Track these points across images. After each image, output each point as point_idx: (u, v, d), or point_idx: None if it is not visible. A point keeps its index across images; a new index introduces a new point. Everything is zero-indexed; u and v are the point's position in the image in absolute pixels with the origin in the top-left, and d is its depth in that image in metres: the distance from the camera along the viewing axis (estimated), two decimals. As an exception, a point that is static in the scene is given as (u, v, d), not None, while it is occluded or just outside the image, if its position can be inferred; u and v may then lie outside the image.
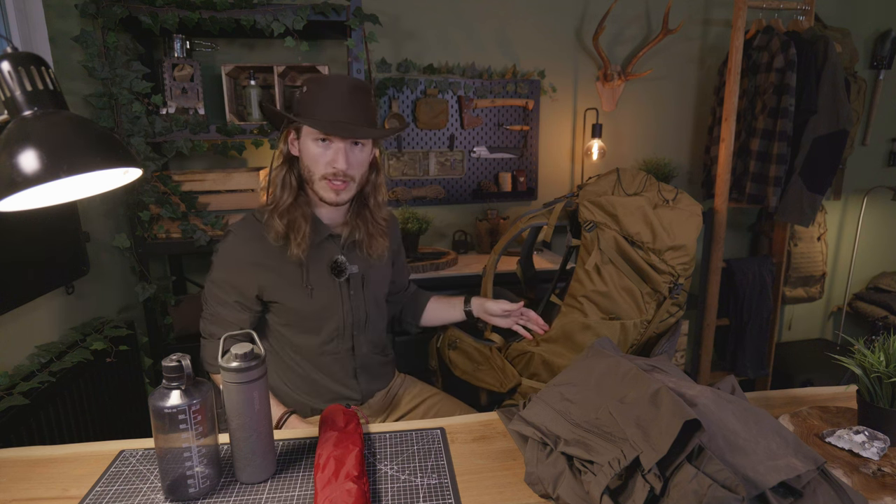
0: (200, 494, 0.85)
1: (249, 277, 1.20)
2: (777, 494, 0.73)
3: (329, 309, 1.26)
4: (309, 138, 1.16)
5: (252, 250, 1.20)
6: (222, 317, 1.23)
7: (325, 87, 1.14)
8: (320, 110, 1.13)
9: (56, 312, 1.67)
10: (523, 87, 2.48)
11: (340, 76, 1.19)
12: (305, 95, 1.15)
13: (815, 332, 3.14)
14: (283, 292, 1.22)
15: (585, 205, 1.41)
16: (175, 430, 0.82)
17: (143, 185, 1.85)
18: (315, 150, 1.15)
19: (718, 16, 2.62)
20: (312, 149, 1.16)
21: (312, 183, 1.18)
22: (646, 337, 1.43)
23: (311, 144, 1.16)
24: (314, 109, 1.14)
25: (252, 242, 1.20)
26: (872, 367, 0.94)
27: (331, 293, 1.25)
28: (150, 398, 0.83)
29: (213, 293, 1.23)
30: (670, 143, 2.72)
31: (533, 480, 0.86)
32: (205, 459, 0.85)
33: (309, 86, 1.15)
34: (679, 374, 0.96)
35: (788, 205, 2.31)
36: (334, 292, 1.26)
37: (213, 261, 1.23)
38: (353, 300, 1.28)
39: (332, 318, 1.27)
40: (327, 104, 1.13)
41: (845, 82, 2.19)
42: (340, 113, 1.14)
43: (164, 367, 0.83)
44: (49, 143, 0.69)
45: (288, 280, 1.22)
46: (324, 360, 1.30)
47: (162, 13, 1.76)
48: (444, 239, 2.58)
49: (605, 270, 1.37)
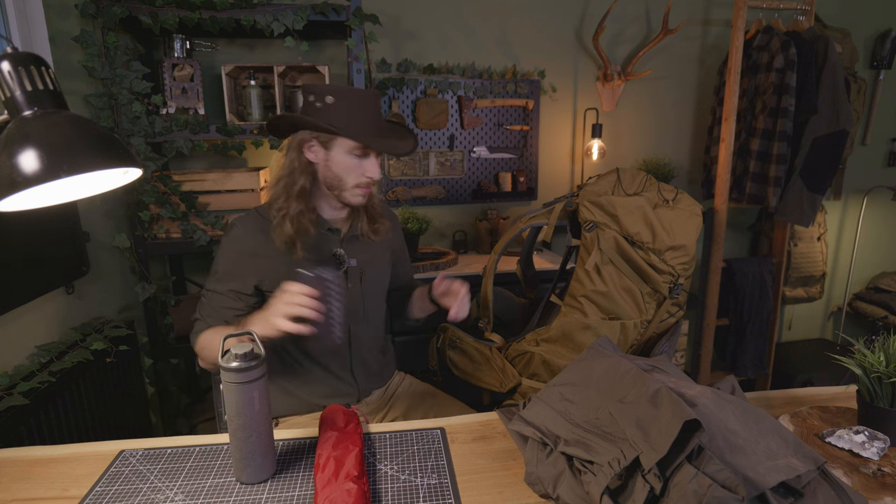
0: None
1: (251, 267, 1.22)
2: (777, 494, 0.73)
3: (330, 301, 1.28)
4: (343, 150, 1.19)
5: (255, 242, 1.22)
6: (216, 303, 1.24)
7: (355, 100, 1.17)
8: (357, 124, 1.17)
9: (56, 312, 1.67)
10: (523, 87, 2.48)
11: (358, 89, 1.21)
12: (333, 108, 1.16)
13: (815, 332, 3.14)
14: (277, 280, 1.22)
15: (585, 205, 1.41)
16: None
17: (143, 185, 1.85)
18: (350, 162, 1.19)
19: (718, 16, 2.62)
20: (347, 160, 1.19)
21: (342, 190, 1.22)
22: (646, 337, 1.43)
23: (346, 157, 1.19)
24: (350, 123, 1.16)
25: (256, 234, 1.22)
26: (872, 367, 0.94)
27: (334, 282, 1.27)
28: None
29: (212, 279, 1.24)
30: (670, 143, 2.72)
31: (533, 480, 0.86)
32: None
33: (336, 97, 1.16)
34: (679, 374, 0.96)
35: (788, 205, 2.31)
36: (336, 284, 1.28)
37: (217, 251, 1.25)
38: (350, 293, 1.30)
39: (330, 310, 1.28)
40: (362, 117, 1.17)
41: (845, 82, 2.19)
42: (374, 126, 1.19)
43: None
44: (49, 143, 0.69)
45: (289, 271, 1.22)
46: (320, 352, 1.31)
47: (162, 13, 1.76)
48: (444, 239, 2.58)
49: (605, 270, 1.36)
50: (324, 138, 1.19)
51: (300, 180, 1.20)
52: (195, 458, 0.97)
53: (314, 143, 1.20)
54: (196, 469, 0.94)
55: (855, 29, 2.64)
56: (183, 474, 0.92)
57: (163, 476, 0.92)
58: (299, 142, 1.21)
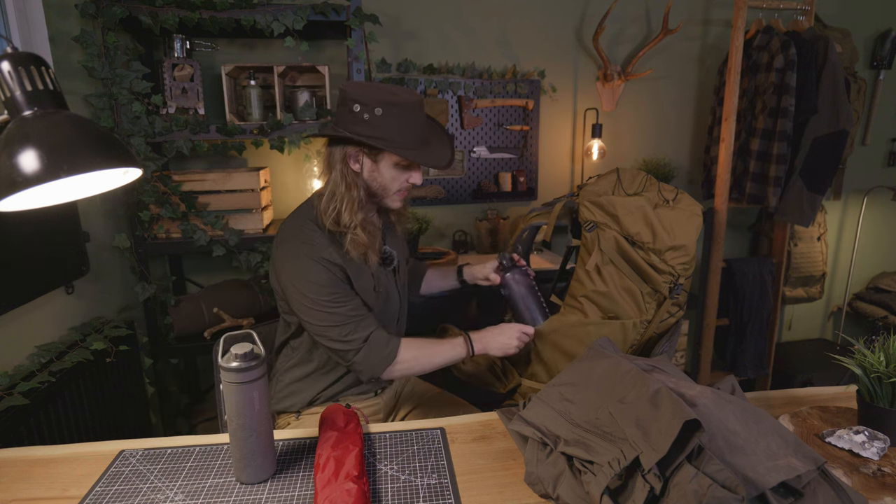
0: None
1: (342, 274, 1.21)
2: (777, 494, 0.73)
3: (390, 298, 1.32)
4: (390, 163, 1.20)
5: (332, 252, 1.19)
6: (354, 309, 1.20)
7: (403, 111, 1.16)
8: (406, 137, 1.17)
9: (56, 312, 1.67)
10: (523, 87, 2.48)
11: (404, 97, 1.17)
12: (382, 120, 1.14)
13: (815, 332, 3.14)
14: (360, 289, 1.24)
15: (586, 205, 1.41)
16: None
17: (143, 185, 1.85)
18: (396, 172, 1.22)
19: (718, 16, 2.62)
20: (393, 171, 1.22)
21: (385, 198, 1.25)
22: (646, 337, 1.43)
23: (392, 168, 1.21)
24: (399, 136, 1.16)
25: (329, 246, 1.20)
26: (872, 367, 0.94)
27: (388, 283, 1.32)
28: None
29: (327, 298, 1.18)
30: (670, 143, 2.72)
31: (533, 480, 0.86)
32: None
33: (384, 109, 1.14)
34: (679, 375, 0.96)
35: (788, 205, 2.31)
36: (391, 281, 1.33)
37: (301, 272, 1.18)
38: (399, 286, 1.36)
39: (391, 307, 1.33)
40: (410, 128, 1.18)
41: (845, 82, 2.19)
42: (420, 136, 1.21)
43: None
44: (49, 143, 0.69)
45: (360, 276, 1.24)
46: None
47: (162, 13, 1.76)
48: (444, 239, 2.58)
49: (606, 271, 1.37)
50: (372, 151, 1.19)
51: (355, 192, 1.20)
52: (195, 458, 0.97)
53: (360, 156, 1.20)
54: (196, 469, 0.94)
55: (855, 29, 2.64)
56: (183, 474, 0.92)
57: (163, 476, 0.92)
58: (345, 154, 1.20)
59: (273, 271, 1.26)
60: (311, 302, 1.17)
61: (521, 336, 1.29)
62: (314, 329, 1.20)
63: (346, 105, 1.16)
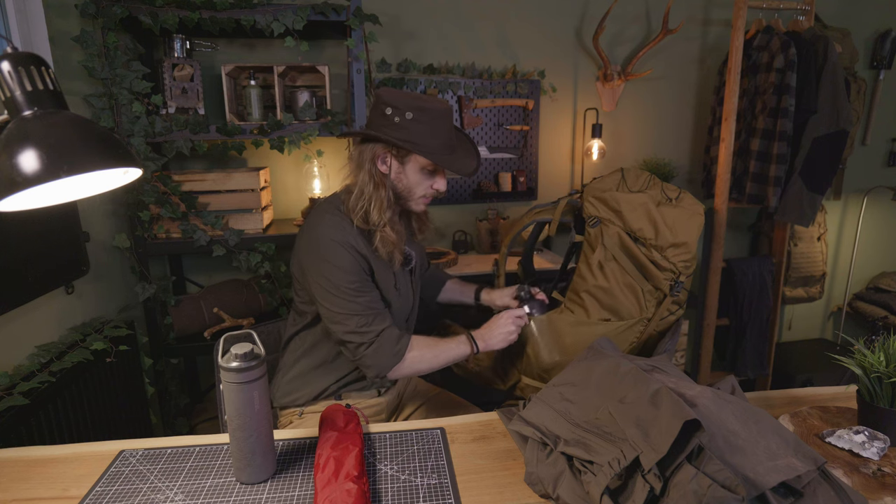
0: None
1: (366, 265, 1.23)
2: (777, 494, 0.73)
3: (406, 298, 1.34)
4: (417, 166, 1.22)
5: (360, 242, 1.22)
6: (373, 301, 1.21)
7: (433, 117, 1.18)
8: (436, 142, 1.19)
9: (56, 312, 1.67)
10: (523, 87, 2.48)
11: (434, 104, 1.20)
12: (413, 124, 1.17)
13: (815, 332, 3.14)
14: (381, 283, 1.26)
15: (590, 200, 1.43)
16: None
17: (143, 185, 1.85)
18: (421, 177, 1.24)
19: (718, 16, 2.62)
20: (419, 175, 1.23)
21: (409, 200, 1.27)
22: (646, 336, 1.43)
23: (418, 173, 1.23)
24: (430, 141, 1.18)
25: (358, 237, 1.22)
26: (872, 367, 0.94)
27: (406, 283, 1.34)
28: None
29: (349, 285, 1.19)
30: (670, 143, 2.72)
31: (533, 480, 0.86)
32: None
33: (415, 114, 1.16)
34: (679, 375, 0.96)
35: (788, 205, 2.31)
36: (407, 282, 1.35)
37: (328, 255, 1.19)
38: (414, 287, 1.38)
39: (405, 307, 1.34)
40: (439, 134, 1.20)
41: (845, 82, 2.19)
42: (448, 143, 1.22)
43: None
44: (49, 143, 0.69)
45: (382, 271, 1.26)
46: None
47: (162, 13, 1.76)
48: (444, 239, 2.58)
49: (608, 267, 1.38)
50: (400, 153, 1.21)
51: (383, 192, 1.21)
52: (195, 458, 0.97)
53: (388, 157, 1.21)
54: (196, 469, 0.94)
55: (855, 29, 2.64)
56: (183, 474, 0.92)
57: (163, 476, 0.92)
58: (373, 154, 1.21)
59: (296, 257, 1.27)
60: (334, 287, 1.18)
61: (515, 321, 1.31)
62: (331, 316, 1.20)
63: (379, 108, 1.19)
